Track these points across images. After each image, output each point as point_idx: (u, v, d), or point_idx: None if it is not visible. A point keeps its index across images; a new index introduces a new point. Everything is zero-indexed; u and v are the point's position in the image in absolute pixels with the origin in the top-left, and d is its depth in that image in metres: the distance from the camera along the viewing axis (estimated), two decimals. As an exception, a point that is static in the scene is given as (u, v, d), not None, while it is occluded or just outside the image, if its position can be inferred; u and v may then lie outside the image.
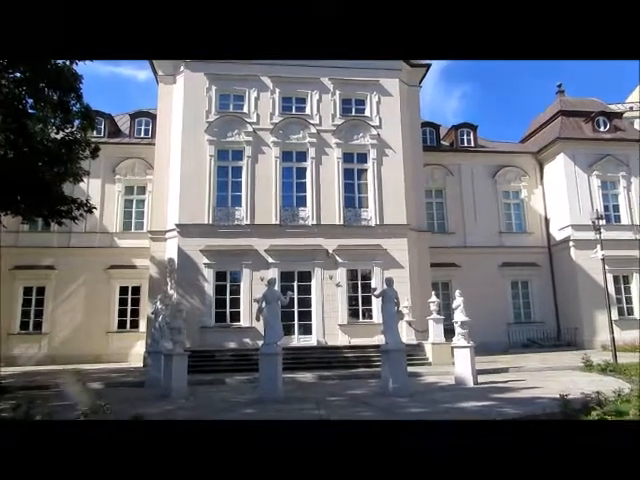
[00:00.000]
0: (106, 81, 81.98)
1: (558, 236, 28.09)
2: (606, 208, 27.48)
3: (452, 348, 17.23)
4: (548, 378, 14.20)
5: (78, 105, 17.83)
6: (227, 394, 12.85)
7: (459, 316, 13.51)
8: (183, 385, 12.33)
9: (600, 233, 17.64)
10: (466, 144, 30.05)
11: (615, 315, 26.14)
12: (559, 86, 32.34)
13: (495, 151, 30.17)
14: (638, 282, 26.94)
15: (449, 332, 19.42)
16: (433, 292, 19.41)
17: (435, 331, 19.07)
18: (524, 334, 27.14)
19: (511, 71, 71.46)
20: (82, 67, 16.28)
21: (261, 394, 11.09)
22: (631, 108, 48.45)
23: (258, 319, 12.08)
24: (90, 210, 18.31)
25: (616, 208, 27.66)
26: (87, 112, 17.93)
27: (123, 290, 26.08)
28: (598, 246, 17.26)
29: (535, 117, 34.36)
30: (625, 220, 27.56)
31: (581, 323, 26.27)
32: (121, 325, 25.76)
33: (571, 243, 26.96)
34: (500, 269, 27.84)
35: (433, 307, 18.65)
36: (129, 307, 25.92)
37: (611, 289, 26.50)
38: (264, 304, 11.73)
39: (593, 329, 25.97)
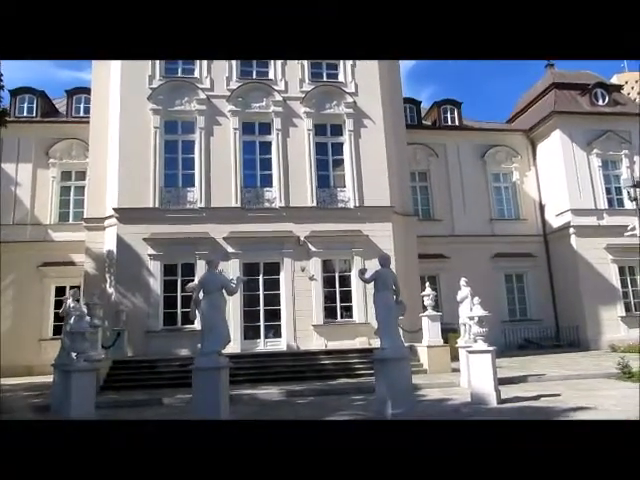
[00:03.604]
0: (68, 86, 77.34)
1: (555, 223, 25.10)
2: (608, 190, 24.69)
3: (454, 352, 14.11)
4: (587, 391, 10.83)
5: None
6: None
7: (476, 310, 10.05)
8: (88, 412, 8.56)
9: (638, 204, 14.56)
10: (450, 122, 26.94)
11: (622, 311, 23.38)
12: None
13: (483, 129, 27.22)
14: (646, 274, 23.97)
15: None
16: (427, 283, 15.98)
17: (431, 331, 15.59)
18: (520, 333, 24.04)
19: (478, 74, 68.42)
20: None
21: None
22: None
23: (193, 317, 8.40)
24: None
25: (618, 190, 24.63)
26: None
27: (60, 291, 22.03)
28: (636, 222, 14.09)
29: (522, 95, 31.42)
30: (629, 204, 24.64)
31: (584, 320, 23.22)
32: (57, 331, 21.62)
33: (571, 230, 23.92)
34: (492, 260, 24.69)
35: (428, 301, 15.18)
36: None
37: (616, 282, 23.73)
38: (201, 295, 8.08)
39: (598, 327, 22.98)
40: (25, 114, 24.01)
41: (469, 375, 11.73)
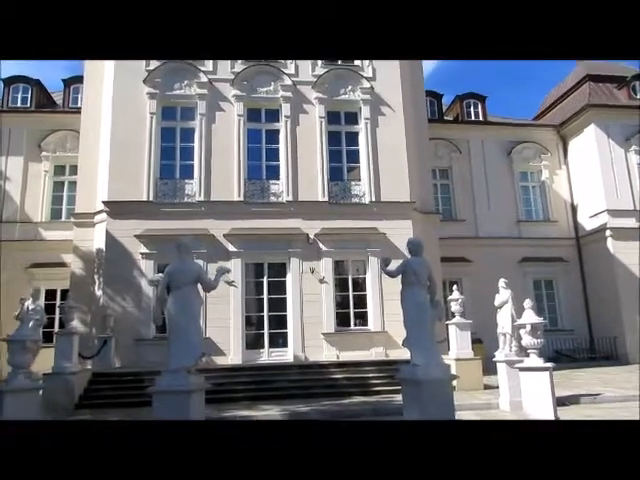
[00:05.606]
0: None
1: (588, 225, 23.04)
2: (646, 190, 22.60)
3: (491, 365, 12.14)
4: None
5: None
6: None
7: (528, 316, 8.06)
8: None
9: None
10: (473, 117, 25.10)
11: (669, 324, 21.18)
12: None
13: (509, 123, 25.25)
14: (692, 281, 21.75)
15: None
16: (455, 286, 14.01)
17: (460, 341, 13.58)
18: (550, 344, 21.79)
19: (501, 72, 66.21)
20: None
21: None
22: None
23: (157, 320, 6.48)
24: None
25: (660, 190, 22.60)
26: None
27: (50, 294, 20.42)
28: None
29: (550, 91, 29.45)
30: (672, 204, 22.56)
31: (622, 331, 21.12)
32: (47, 338, 19.84)
33: (608, 232, 21.86)
34: (519, 265, 22.66)
35: (456, 307, 13.25)
36: (57, 315, 20.15)
37: (659, 291, 21.56)
38: (167, 291, 6.10)
39: (638, 339, 20.83)
40: (19, 104, 22.68)
41: (511, 395, 9.80)
